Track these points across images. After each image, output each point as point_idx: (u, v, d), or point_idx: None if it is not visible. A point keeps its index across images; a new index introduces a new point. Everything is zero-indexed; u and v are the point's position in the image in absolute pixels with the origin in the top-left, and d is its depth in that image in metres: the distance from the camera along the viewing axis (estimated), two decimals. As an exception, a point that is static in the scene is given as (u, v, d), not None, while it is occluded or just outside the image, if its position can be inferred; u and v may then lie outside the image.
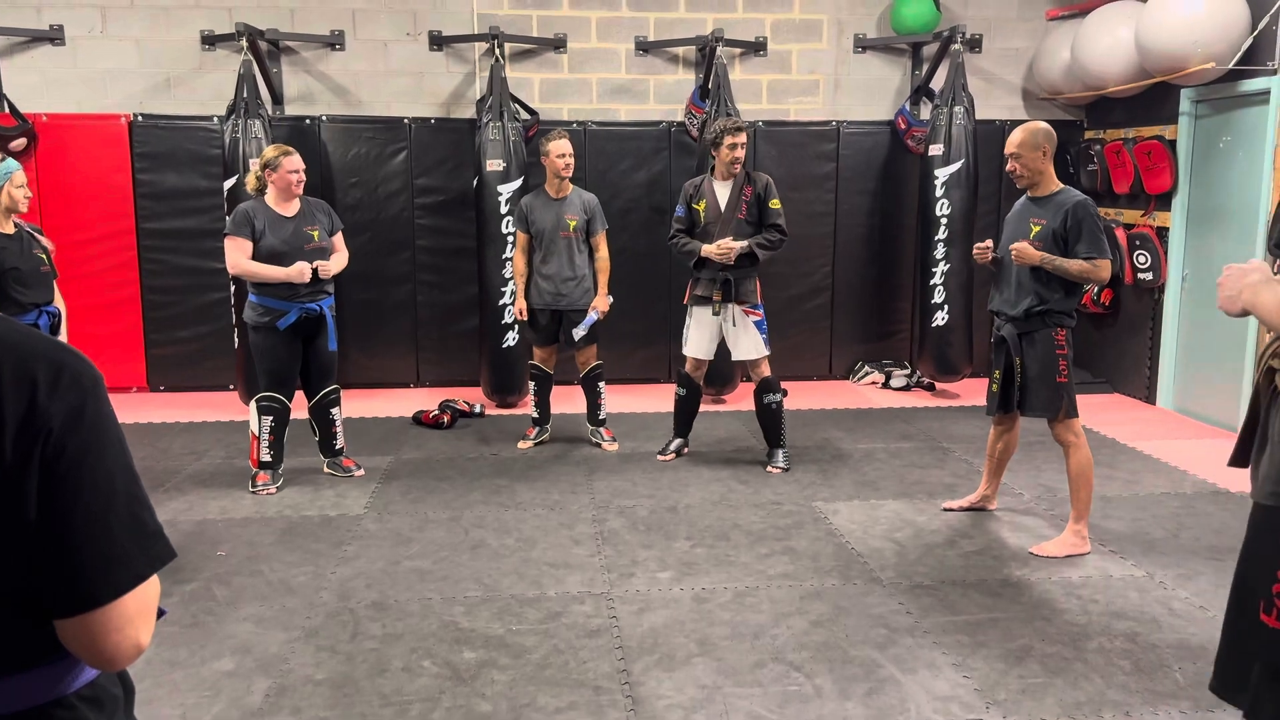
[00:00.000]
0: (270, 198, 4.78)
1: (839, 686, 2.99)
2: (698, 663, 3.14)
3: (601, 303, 5.48)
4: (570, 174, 5.43)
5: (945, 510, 4.60)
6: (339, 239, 5.01)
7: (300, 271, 4.65)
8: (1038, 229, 3.98)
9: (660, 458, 5.42)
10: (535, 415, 5.78)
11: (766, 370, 5.19)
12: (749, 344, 5.17)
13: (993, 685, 3.01)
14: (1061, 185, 4.07)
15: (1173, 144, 6.43)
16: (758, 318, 5.18)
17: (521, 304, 5.54)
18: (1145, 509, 4.64)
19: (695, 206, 5.21)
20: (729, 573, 3.87)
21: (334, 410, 5.11)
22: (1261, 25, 5.61)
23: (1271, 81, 5.60)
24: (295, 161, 4.76)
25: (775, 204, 5.12)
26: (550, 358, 5.69)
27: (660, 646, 3.25)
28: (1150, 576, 3.83)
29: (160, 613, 1.19)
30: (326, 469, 5.18)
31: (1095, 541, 4.16)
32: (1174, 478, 5.12)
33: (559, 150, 5.38)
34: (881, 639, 3.31)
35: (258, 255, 4.69)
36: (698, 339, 5.28)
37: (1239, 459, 1.89)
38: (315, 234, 4.82)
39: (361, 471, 5.18)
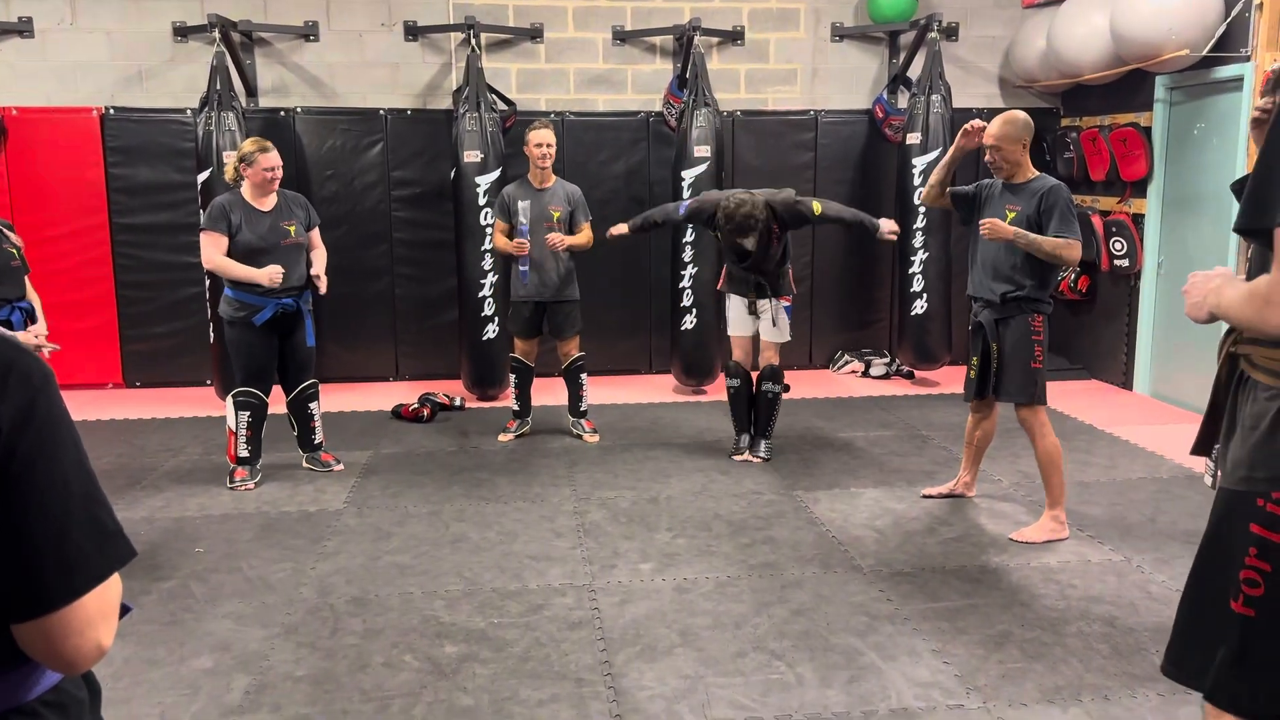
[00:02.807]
0: (246, 191, 4.74)
1: (820, 674, 3.00)
2: (680, 653, 3.14)
3: (564, 239, 5.35)
4: (548, 164, 5.40)
5: (924, 497, 4.62)
6: (316, 234, 4.97)
7: (271, 277, 4.59)
8: (1013, 214, 4.00)
9: (736, 457, 5.25)
10: (516, 408, 5.76)
11: (777, 358, 5.16)
12: (778, 327, 5.15)
13: (973, 671, 3.02)
14: (1037, 173, 4.09)
15: (1148, 131, 6.47)
16: (787, 303, 5.17)
17: (516, 244, 5.37)
18: (1122, 494, 4.68)
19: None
20: (710, 563, 3.88)
21: (312, 405, 5.07)
22: (1234, 12, 5.65)
23: (1244, 68, 5.64)
24: (272, 158, 4.70)
25: (818, 208, 5.03)
26: (532, 350, 5.65)
27: (642, 637, 3.25)
28: (1128, 561, 3.87)
29: (125, 609, 1.16)
30: (305, 464, 5.15)
31: (1073, 527, 4.19)
32: (1151, 462, 5.17)
33: (537, 139, 5.36)
34: (862, 626, 3.32)
35: (234, 250, 4.64)
36: (736, 319, 5.24)
37: (1202, 447, 1.90)
38: (292, 229, 4.78)
39: (341, 466, 5.15)
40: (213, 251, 4.64)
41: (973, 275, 4.22)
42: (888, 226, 5.02)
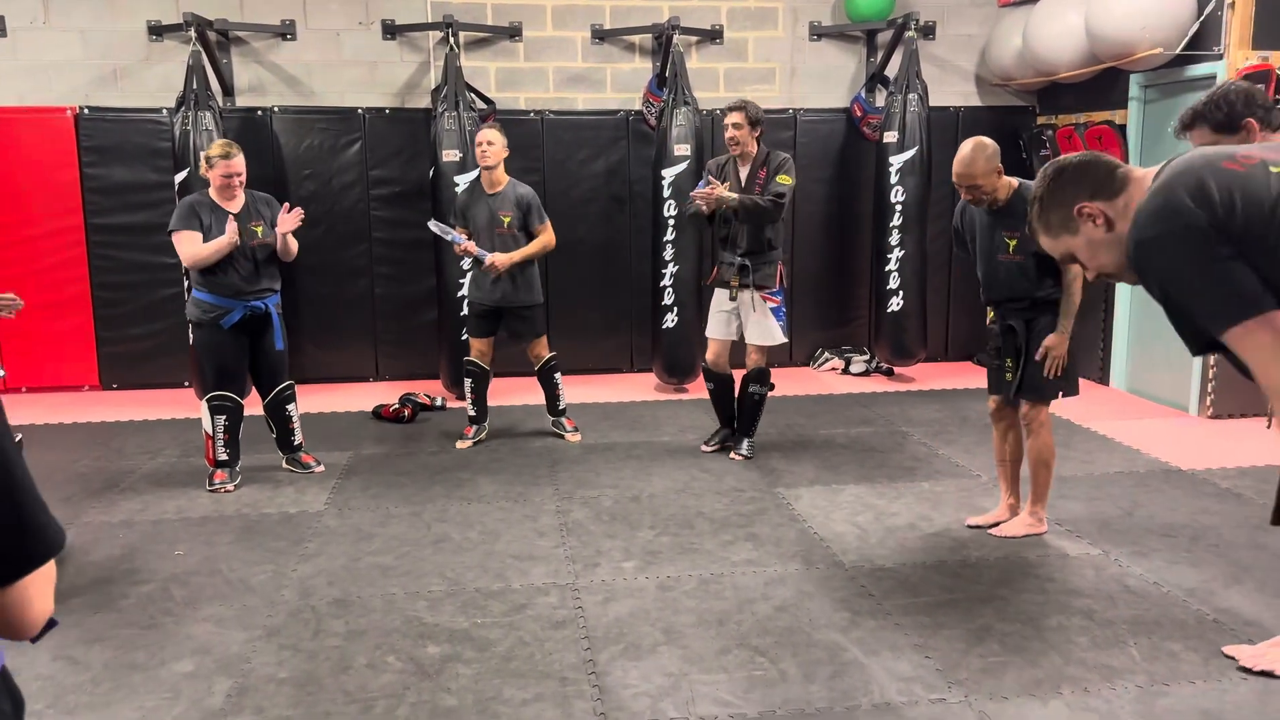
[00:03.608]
0: (212, 191, 4.71)
1: (803, 670, 3.02)
2: (663, 651, 3.15)
3: (501, 259, 5.20)
4: (489, 162, 5.23)
5: (969, 525, 4.23)
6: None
7: (231, 234, 4.56)
8: (1014, 242, 3.85)
9: (704, 448, 5.35)
10: (472, 413, 5.60)
11: (763, 359, 5.12)
12: (763, 330, 5.07)
13: (954, 665, 3.05)
14: (1016, 183, 3.90)
15: (1123, 128, 6.54)
16: (775, 304, 5.07)
17: (462, 250, 5.30)
18: (1100, 488, 4.72)
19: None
20: (693, 560, 3.89)
21: (289, 406, 5.03)
22: (1207, 11, 5.71)
23: (1217, 66, 5.70)
24: (234, 165, 4.65)
25: (783, 179, 4.95)
26: (487, 352, 5.50)
27: (626, 636, 3.25)
28: (1106, 554, 3.91)
29: (52, 623, 1.17)
30: (285, 465, 5.12)
31: (1052, 522, 4.22)
32: (1128, 457, 5.22)
33: (479, 139, 5.24)
34: (844, 622, 3.34)
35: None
36: (714, 321, 5.21)
37: None
38: (259, 230, 4.74)
39: (321, 467, 5.12)
40: (191, 247, 4.60)
41: (992, 295, 4.02)
42: (715, 189, 4.92)
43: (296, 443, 5.11)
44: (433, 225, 5.38)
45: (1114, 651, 3.11)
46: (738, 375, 5.31)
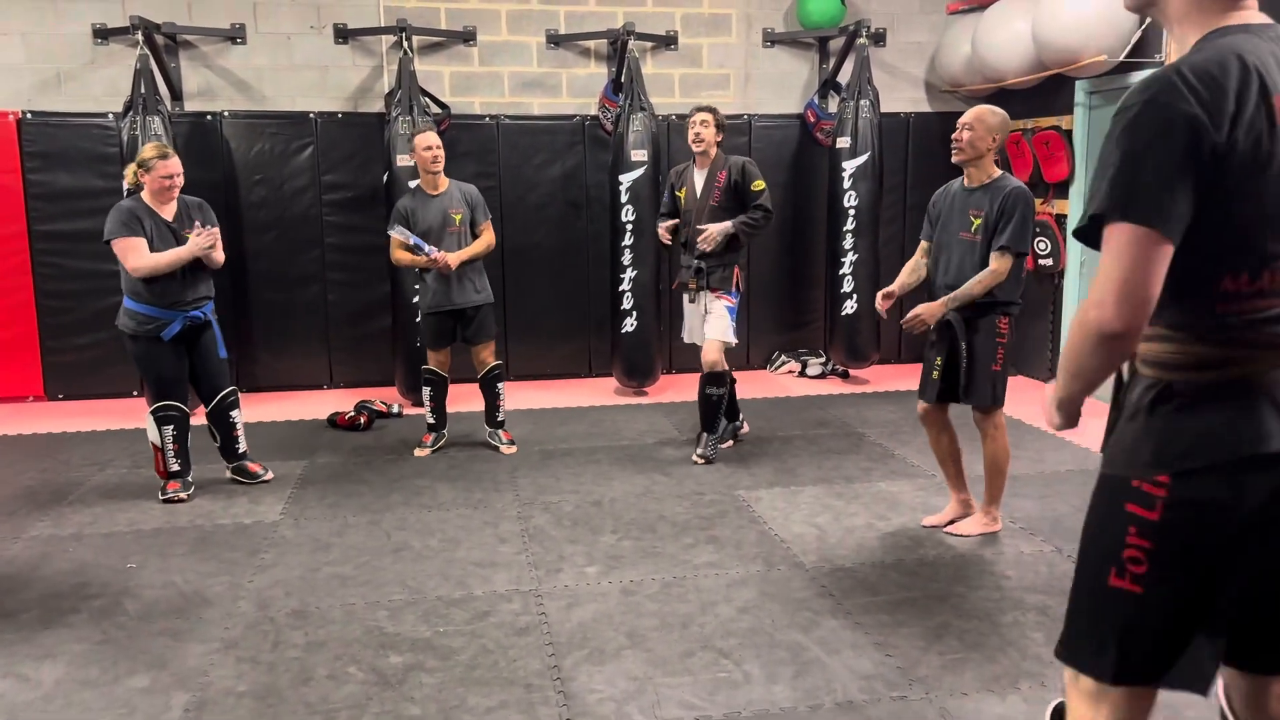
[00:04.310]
0: (147, 197, 4.60)
1: (767, 671, 3.04)
2: (628, 655, 3.15)
3: (451, 259, 5.13)
4: (440, 167, 5.20)
5: (924, 526, 4.29)
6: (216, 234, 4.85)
7: (197, 243, 4.51)
8: (978, 221, 3.88)
9: (722, 445, 5.44)
10: (431, 421, 5.55)
11: (718, 360, 5.11)
12: (712, 327, 5.13)
13: (914, 662, 3.09)
14: (1000, 172, 3.94)
15: (1069, 134, 6.68)
16: (729, 304, 5.13)
17: (428, 260, 5.17)
18: (1051, 486, 4.82)
19: (678, 194, 5.23)
20: (655, 564, 3.90)
21: (233, 413, 4.91)
22: (1148, 20, 5.85)
23: (1158, 73, 5.85)
24: (171, 165, 4.55)
25: (758, 185, 5.03)
26: (446, 360, 5.45)
27: (590, 641, 3.25)
28: (1059, 551, 3.99)
29: None
30: (230, 475, 5.01)
31: (1005, 519, 4.30)
32: (1078, 455, 5.33)
33: (424, 143, 5.17)
34: (806, 622, 3.37)
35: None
36: (689, 326, 5.35)
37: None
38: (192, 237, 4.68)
39: (270, 475, 5.03)
40: (139, 256, 4.49)
41: (939, 279, 4.04)
42: (703, 232, 5.06)
43: (241, 450, 4.99)
44: (395, 232, 5.24)
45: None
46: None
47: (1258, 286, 1.62)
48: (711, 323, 5.15)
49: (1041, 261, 6.94)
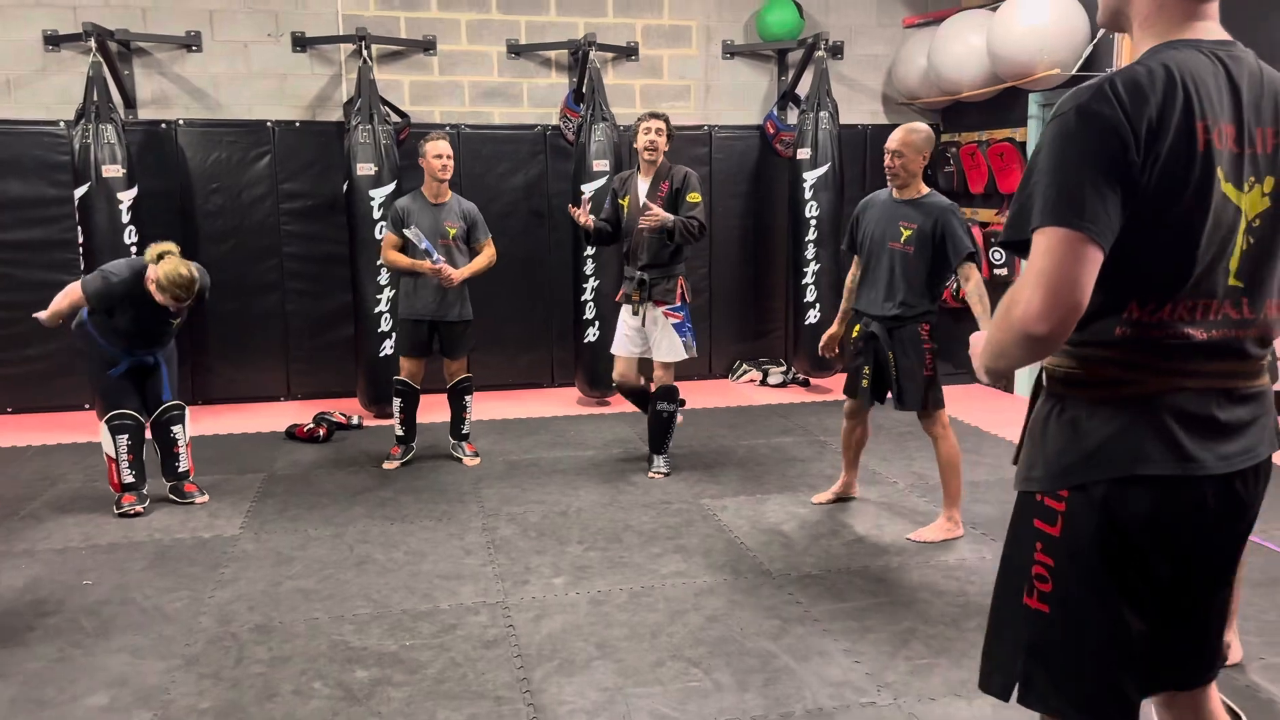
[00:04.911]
0: (150, 287, 4.42)
1: (737, 679, 3.05)
2: (598, 666, 3.14)
3: (457, 273, 5.13)
4: (448, 176, 5.22)
5: (815, 503, 4.72)
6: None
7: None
8: (909, 232, 4.10)
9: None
10: (400, 433, 5.47)
11: (669, 377, 5.09)
12: (667, 347, 5.05)
13: (882, 668, 3.12)
14: (929, 189, 4.21)
15: (1023, 145, 6.80)
16: (677, 320, 5.04)
17: (432, 269, 5.11)
18: (1011, 493, 4.83)
19: (621, 202, 5.11)
20: (623, 574, 3.89)
21: (176, 428, 4.76)
22: (1100, 34, 6.00)
23: (1109, 87, 5.98)
24: (177, 307, 4.45)
25: (693, 197, 4.95)
26: (419, 372, 5.39)
27: (559, 652, 3.24)
28: (1020, 556, 4.04)
29: None
30: (169, 494, 4.81)
31: (967, 525, 4.36)
32: (1035, 461, 5.41)
33: (435, 151, 5.17)
34: (775, 630, 3.39)
35: (111, 325, 4.55)
36: (619, 337, 5.19)
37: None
38: (177, 322, 4.69)
39: (205, 498, 4.82)
40: (69, 301, 4.53)
41: (865, 293, 4.28)
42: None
43: (181, 469, 4.82)
44: (409, 233, 5.13)
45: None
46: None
47: (1158, 317, 1.59)
48: (663, 346, 5.05)
49: (997, 271, 7.06)
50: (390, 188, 6.34)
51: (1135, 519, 1.61)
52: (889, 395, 4.34)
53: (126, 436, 4.61)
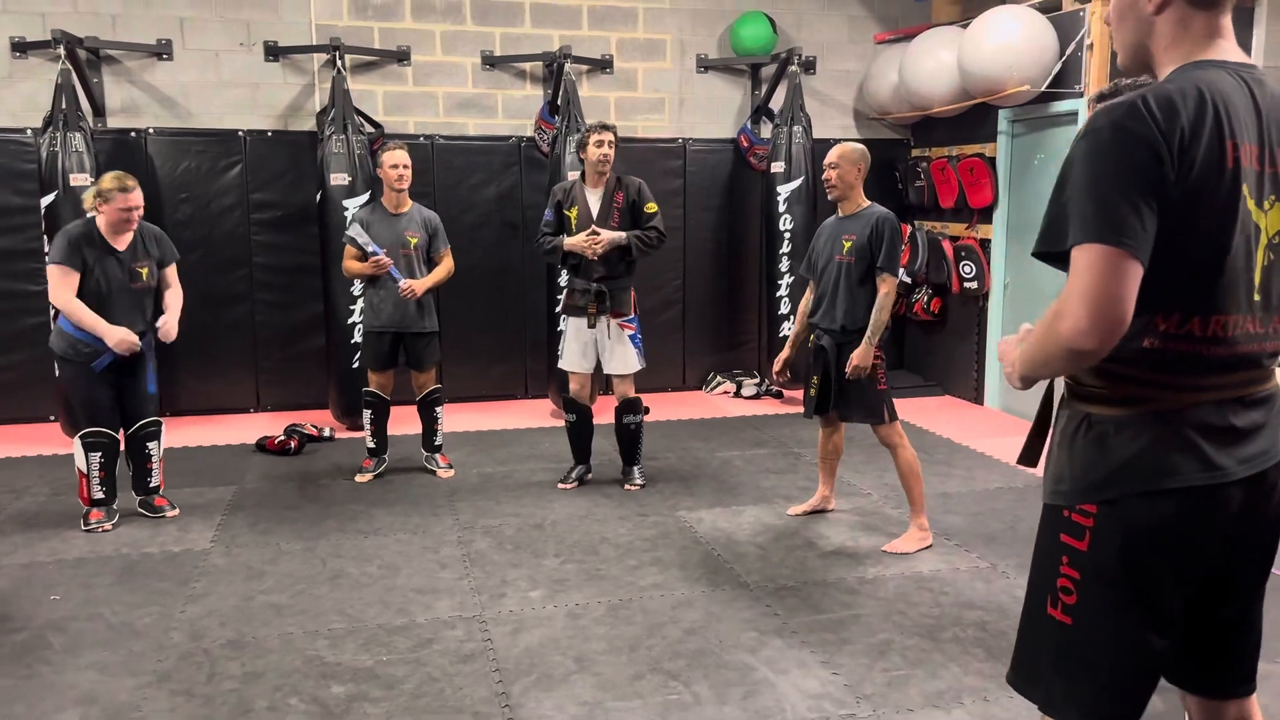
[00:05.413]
0: (101, 225, 4.45)
1: (716, 692, 3.05)
2: (577, 679, 3.13)
3: (418, 285, 5.14)
4: (404, 185, 5.17)
5: (791, 515, 4.75)
6: (172, 272, 4.73)
7: (122, 341, 4.39)
8: (849, 244, 4.25)
9: (561, 485, 5.20)
10: (372, 445, 5.43)
11: (631, 389, 5.10)
12: (621, 359, 5.04)
13: (860, 680, 3.13)
14: (869, 202, 4.33)
15: (993, 161, 6.90)
16: (632, 331, 5.05)
17: (374, 264, 5.11)
18: (983, 503, 4.94)
19: (567, 213, 5.03)
20: (600, 587, 3.88)
21: (150, 445, 4.71)
22: (1068, 52, 6.10)
23: (1078, 103, 6.08)
24: (133, 198, 4.40)
25: (651, 207, 4.99)
26: (388, 383, 5.36)
27: (538, 666, 3.22)
28: (994, 567, 4.08)
29: None
30: (138, 508, 4.76)
31: (940, 536, 4.39)
32: (1006, 473, 5.47)
33: (392, 161, 5.14)
34: (753, 642, 3.39)
35: (83, 290, 4.40)
36: (572, 352, 5.09)
37: (1028, 459, 2.02)
38: (144, 271, 4.55)
39: (176, 512, 4.77)
40: (63, 290, 4.35)
41: (820, 309, 4.40)
42: (593, 236, 4.90)
43: (153, 484, 4.77)
44: (351, 231, 5.14)
45: (1010, 661, 3.24)
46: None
47: (1186, 330, 1.62)
48: (619, 358, 5.04)
49: (967, 284, 7.13)
50: (364, 198, 6.30)
51: (1163, 531, 1.64)
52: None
53: (100, 454, 4.54)
